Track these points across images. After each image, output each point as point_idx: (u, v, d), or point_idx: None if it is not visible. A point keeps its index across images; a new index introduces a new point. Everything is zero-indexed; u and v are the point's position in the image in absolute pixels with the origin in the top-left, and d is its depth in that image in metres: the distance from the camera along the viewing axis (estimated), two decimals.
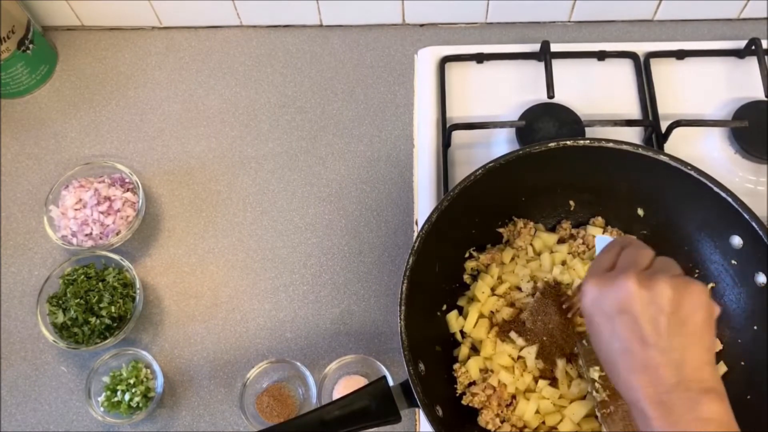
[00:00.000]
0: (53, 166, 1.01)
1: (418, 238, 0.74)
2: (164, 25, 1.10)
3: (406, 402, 0.70)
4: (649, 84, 1.00)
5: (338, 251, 0.95)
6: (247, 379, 0.84)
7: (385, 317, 0.91)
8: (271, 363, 0.85)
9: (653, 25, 1.08)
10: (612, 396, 0.74)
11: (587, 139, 0.78)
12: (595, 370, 0.75)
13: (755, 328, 0.76)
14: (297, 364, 0.84)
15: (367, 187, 0.98)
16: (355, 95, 1.05)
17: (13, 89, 1.05)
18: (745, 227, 0.73)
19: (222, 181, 1.00)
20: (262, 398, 0.85)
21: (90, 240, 0.92)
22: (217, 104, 1.05)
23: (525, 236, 0.86)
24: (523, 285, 0.83)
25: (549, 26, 1.09)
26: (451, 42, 1.06)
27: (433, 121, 1.00)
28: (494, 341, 0.81)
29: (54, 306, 0.88)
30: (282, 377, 0.87)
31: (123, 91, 1.06)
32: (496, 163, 0.77)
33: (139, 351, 0.87)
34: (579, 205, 0.88)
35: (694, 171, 0.75)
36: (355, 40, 1.09)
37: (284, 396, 0.85)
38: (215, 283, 0.94)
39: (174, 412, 0.87)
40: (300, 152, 1.01)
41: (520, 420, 0.78)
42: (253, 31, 1.10)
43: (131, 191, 0.96)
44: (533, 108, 0.97)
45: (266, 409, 0.84)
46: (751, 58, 1.01)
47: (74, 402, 0.88)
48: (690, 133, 0.95)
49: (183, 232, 0.97)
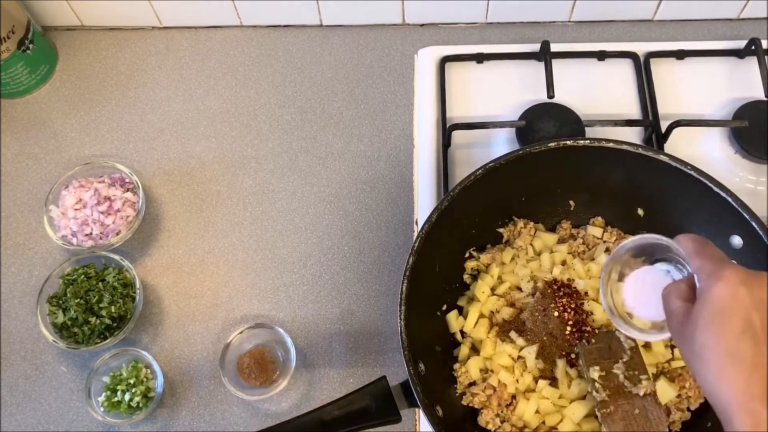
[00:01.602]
0: (53, 166, 1.01)
1: (418, 238, 0.74)
2: (164, 25, 1.10)
3: (406, 402, 0.70)
4: (649, 84, 1.00)
5: (338, 251, 0.95)
6: (230, 341, 0.86)
7: (385, 317, 0.91)
8: (252, 328, 0.87)
9: (653, 25, 1.08)
10: (612, 396, 0.74)
11: (587, 139, 0.78)
12: (595, 370, 0.75)
13: None
14: (278, 329, 0.87)
15: (367, 187, 0.98)
16: (355, 95, 1.05)
17: (13, 89, 1.05)
18: (745, 227, 0.73)
19: (222, 181, 1.00)
20: (243, 359, 0.87)
21: (90, 240, 0.92)
22: (217, 104, 1.05)
23: (525, 236, 0.86)
24: (523, 285, 0.83)
25: (549, 26, 1.09)
26: (451, 42, 1.06)
27: (433, 121, 1.00)
28: (494, 341, 0.81)
29: (54, 306, 0.88)
30: (263, 342, 0.89)
31: (123, 91, 1.06)
32: (496, 163, 0.77)
33: (139, 351, 0.87)
34: (579, 205, 0.88)
35: (694, 171, 0.75)
36: (355, 40, 1.09)
37: (266, 360, 0.87)
38: (215, 283, 0.94)
39: (174, 412, 0.87)
40: (300, 152, 1.01)
41: (520, 420, 0.78)
42: (253, 31, 1.10)
43: (131, 191, 0.96)
44: (533, 108, 0.97)
45: (246, 370, 0.86)
46: (751, 58, 1.01)
47: (74, 402, 0.88)
48: (690, 133, 0.95)
49: (183, 232, 0.97)
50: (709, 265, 0.57)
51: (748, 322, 0.53)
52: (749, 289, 0.54)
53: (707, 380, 0.53)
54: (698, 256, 0.58)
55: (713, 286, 0.55)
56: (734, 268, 0.55)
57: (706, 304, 0.55)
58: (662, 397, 0.76)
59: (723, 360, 0.53)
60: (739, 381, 0.52)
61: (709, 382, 0.53)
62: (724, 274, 0.55)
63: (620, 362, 0.76)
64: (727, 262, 0.57)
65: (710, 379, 0.53)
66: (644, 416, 0.74)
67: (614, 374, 0.75)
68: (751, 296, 0.54)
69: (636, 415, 0.74)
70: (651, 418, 0.73)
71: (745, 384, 0.51)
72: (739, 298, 0.54)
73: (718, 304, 0.54)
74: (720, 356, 0.53)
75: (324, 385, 0.88)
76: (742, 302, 0.54)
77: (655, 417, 0.74)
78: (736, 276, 0.54)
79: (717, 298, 0.55)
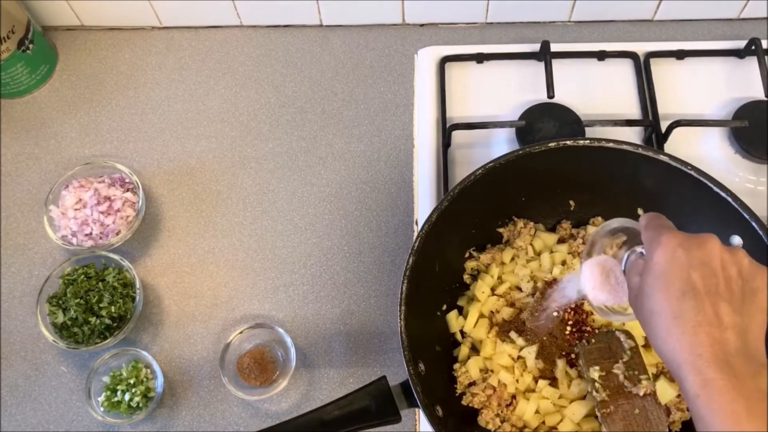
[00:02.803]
0: (53, 166, 1.01)
1: (418, 238, 0.74)
2: (164, 25, 1.10)
3: (406, 402, 0.70)
4: (649, 84, 1.00)
5: (338, 251, 0.95)
6: (229, 341, 0.86)
7: (385, 317, 0.91)
8: (252, 328, 0.87)
9: (653, 25, 1.08)
10: (612, 396, 0.74)
11: (587, 139, 0.78)
12: (595, 370, 0.75)
13: None
14: (278, 329, 0.87)
15: (367, 187, 0.98)
16: (355, 95, 1.05)
17: (13, 89, 1.05)
18: (745, 227, 0.73)
19: (222, 181, 1.00)
20: (243, 359, 0.87)
21: (90, 240, 0.92)
22: (217, 104, 1.05)
23: (525, 236, 0.86)
24: (523, 285, 0.83)
25: (549, 26, 1.09)
26: (451, 42, 1.06)
27: (433, 121, 1.00)
28: (494, 341, 0.81)
29: (54, 306, 0.88)
30: (263, 342, 0.89)
31: (123, 91, 1.06)
32: (496, 163, 0.77)
33: (139, 351, 0.87)
34: (579, 205, 0.88)
35: (694, 171, 0.75)
36: (355, 40, 1.09)
37: (266, 360, 0.87)
38: (215, 283, 0.94)
39: (174, 412, 0.87)
40: (300, 152, 1.01)
41: (520, 420, 0.78)
42: (253, 31, 1.10)
43: (131, 191, 0.96)
44: (533, 108, 0.97)
45: (246, 370, 0.86)
46: (751, 58, 1.01)
47: (74, 402, 0.88)
48: (690, 133, 0.95)
49: (183, 232, 0.97)
50: (651, 234, 0.58)
51: (688, 282, 0.53)
52: (687, 251, 0.54)
53: (658, 345, 0.54)
54: (646, 228, 0.59)
55: (653, 252, 0.56)
56: (671, 233, 0.56)
57: (649, 271, 0.56)
58: (662, 397, 0.76)
59: (669, 323, 0.53)
60: (683, 341, 0.52)
61: (659, 347, 0.54)
62: (662, 240, 0.56)
63: (620, 362, 0.76)
64: (667, 228, 0.58)
65: (659, 343, 0.54)
66: (644, 416, 0.74)
67: (614, 374, 0.75)
68: (689, 257, 0.54)
69: (636, 415, 0.74)
70: (651, 418, 0.73)
71: (689, 344, 0.52)
72: (677, 260, 0.54)
73: (658, 269, 0.55)
74: (666, 319, 0.54)
75: (324, 385, 0.88)
76: (680, 264, 0.54)
77: (655, 417, 0.74)
78: (674, 239, 0.55)
79: (657, 264, 0.55)
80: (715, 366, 0.50)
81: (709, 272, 0.54)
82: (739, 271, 0.54)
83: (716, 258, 0.54)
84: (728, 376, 0.50)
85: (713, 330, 0.52)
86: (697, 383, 0.51)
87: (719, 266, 0.54)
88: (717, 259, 0.54)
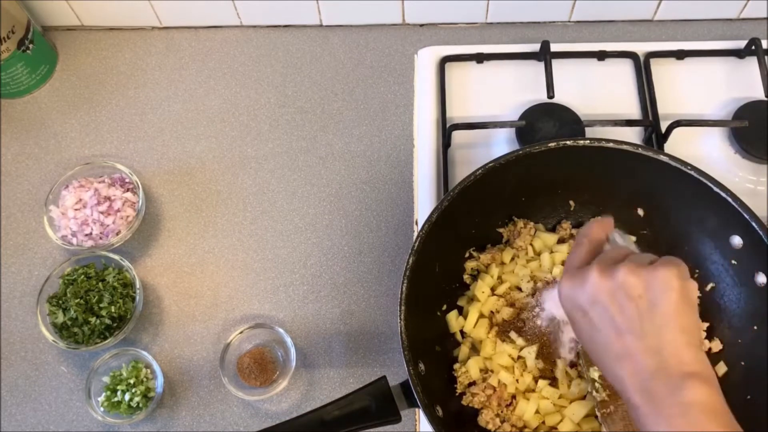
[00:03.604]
0: (53, 166, 1.01)
1: (418, 238, 0.74)
2: (164, 25, 1.10)
3: (406, 402, 0.70)
4: (649, 84, 1.00)
5: (338, 251, 0.95)
6: (229, 341, 0.86)
7: (385, 317, 0.91)
8: (252, 328, 0.87)
9: (653, 25, 1.08)
10: (612, 396, 0.74)
11: (587, 139, 0.78)
12: (595, 370, 0.75)
13: (755, 328, 0.76)
14: (278, 329, 0.87)
15: (367, 187, 0.98)
16: (355, 95, 1.05)
17: (13, 89, 1.05)
18: (745, 227, 0.73)
19: (222, 181, 1.00)
20: (243, 359, 0.87)
21: (90, 240, 0.92)
22: (217, 104, 1.05)
23: (525, 236, 0.86)
24: (523, 285, 0.83)
25: (549, 26, 1.09)
26: (451, 42, 1.06)
27: (433, 121, 1.00)
28: (494, 341, 0.81)
29: (54, 306, 0.88)
30: (263, 342, 0.89)
31: (123, 91, 1.06)
32: (496, 163, 0.77)
33: (139, 351, 0.87)
34: (579, 205, 0.88)
35: (694, 171, 0.75)
36: (355, 40, 1.09)
37: (266, 360, 0.87)
38: (215, 283, 0.94)
39: (174, 412, 0.87)
40: (300, 152, 1.01)
41: (520, 420, 0.78)
42: (253, 31, 1.10)
43: (131, 191, 0.96)
44: (533, 108, 0.97)
45: (246, 370, 0.86)
46: (751, 58, 1.01)
47: (74, 402, 0.88)
48: (690, 133, 0.95)
49: (183, 232, 0.97)
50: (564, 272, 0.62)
51: (591, 324, 0.57)
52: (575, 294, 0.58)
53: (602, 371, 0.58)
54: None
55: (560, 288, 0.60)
56: (564, 276, 0.60)
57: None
58: None
59: (596, 357, 0.58)
60: (612, 373, 0.56)
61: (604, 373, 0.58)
62: (561, 286, 0.60)
63: None
64: (567, 263, 0.62)
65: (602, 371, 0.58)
66: None
67: None
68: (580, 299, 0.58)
69: None
70: None
71: (616, 375, 0.55)
72: (574, 306, 0.59)
73: (567, 315, 0.60)
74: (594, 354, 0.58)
75: (324, 385, 0.88)
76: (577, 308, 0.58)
77: None
78: (565, 284, 0.59)
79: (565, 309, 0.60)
80: (638, 394, 0.53)
81: (601, 310, 0.56)
82: (627, 293, 0.55)
83: (602, 292, 0.56)
84: (648, 402, 0.52)
85: (627, 362, 0.54)
86: (631, 408, 0.54)
87: (608, 299, 0.55)
88: (603, 292, 0.56)
